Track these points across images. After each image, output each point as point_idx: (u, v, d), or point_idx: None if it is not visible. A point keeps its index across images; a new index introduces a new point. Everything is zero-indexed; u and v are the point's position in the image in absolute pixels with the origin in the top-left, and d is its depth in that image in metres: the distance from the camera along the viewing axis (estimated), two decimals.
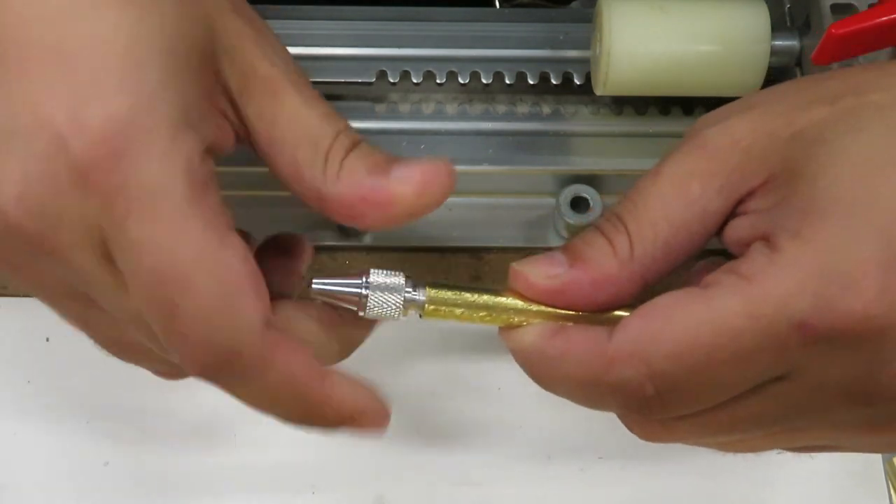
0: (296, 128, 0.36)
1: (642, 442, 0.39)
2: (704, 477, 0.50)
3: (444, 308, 0.37)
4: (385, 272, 0.37)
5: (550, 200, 0.51)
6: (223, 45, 0.36)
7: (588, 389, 0.36)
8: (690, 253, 0.36)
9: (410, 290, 0.37)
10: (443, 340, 0.52)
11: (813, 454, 0.50)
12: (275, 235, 0.40)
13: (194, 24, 0.34)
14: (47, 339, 0.51)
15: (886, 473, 0.50)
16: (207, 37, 0.35)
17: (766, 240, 0.34)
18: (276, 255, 0.39)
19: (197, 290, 0.33)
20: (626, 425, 0.38)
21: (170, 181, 0.32)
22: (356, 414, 0.37)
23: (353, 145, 0.36)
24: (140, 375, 0.50)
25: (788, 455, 0.50)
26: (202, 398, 0.50)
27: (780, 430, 0.37)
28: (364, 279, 0.37)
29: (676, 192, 0.36)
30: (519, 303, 0.37)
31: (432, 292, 0.37)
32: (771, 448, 0.39)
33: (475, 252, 0.52)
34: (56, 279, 0.36)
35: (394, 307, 0.37)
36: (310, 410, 0.36)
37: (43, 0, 0.33)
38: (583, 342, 0.35)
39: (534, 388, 0.37)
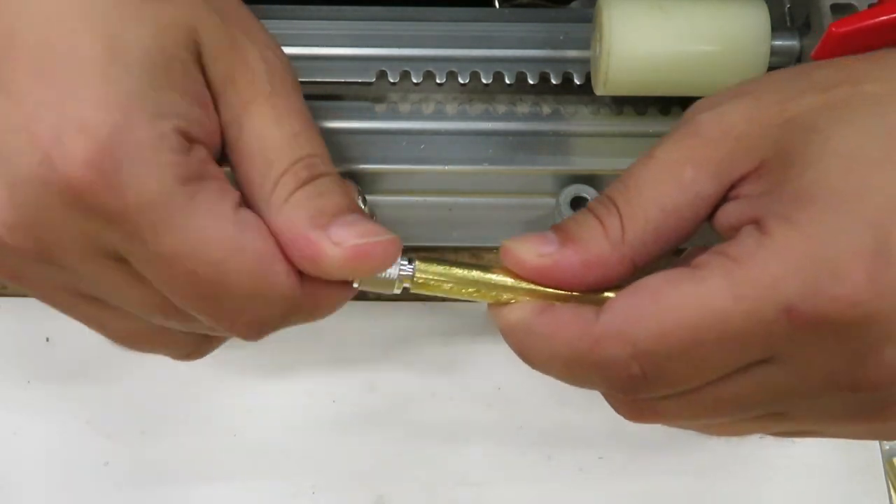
0: (257, 143, 0.36)
1: (642, 442, 0.39)
2: (703, 476, 0.50)
3: (433, 281, 0.38)
4: None
5: (550, 200, 0.51)
6: (206, 50, 0.36)
7: (574, 367, 0.36)
8: (681, 238, 0.36)
9: (406, 263, 0.37)
10: (443, 340, 0.52)
11: (817, 447, 0.50)
12: None
13: (176, 32, 0.35)
14: (47, 339, 0.51)
15: (886, 473, 0.50)
16: (190, 41, 0.35)
17: (757, 224, 0.34)
18: None
19: (232, 282, 0.34)
20: (612, 405, 0.38)
21: (166, 188, 0.33)
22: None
23: (311, 178, 0.36)
24: (140, 376, 0.50)
25: (788, 455, 0.50)
26: (202, 398, 0.50)
27: (764, 414, 0.37)
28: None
29: (669, 177, 0.36)
30: (508, 280, 0.37)
31: (422, 265, 0.37)
32: (754, 432, 0.39)
33: (475, 252, 0.52)
34: (60, 284, 0.36)
35: (388, 279, 0.37)
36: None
37: (32, 13, 0.33)
38: (570, 320, 0.35)
39: (534, 388, 0.37)
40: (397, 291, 0.38)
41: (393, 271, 0.37)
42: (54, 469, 0.49)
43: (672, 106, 0.52)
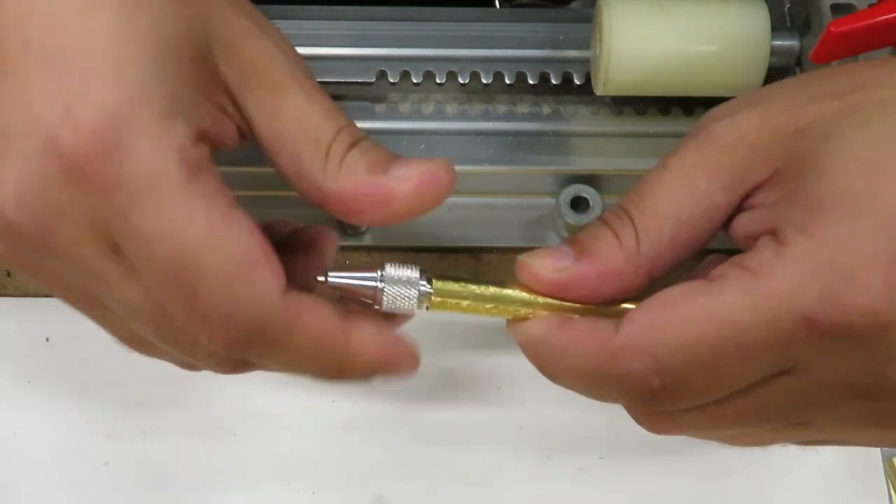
0: (297, 123, 0.36)
1: (642, 442, 0.39)
2: (704, 477, 0.50)
3: (450, 300, 0.38)
4: (399, 265, 0.37)
5: (550, 200, 0.51)
6: (221, 43, 0.36)
7: (594, 381, 0.36)
8: (696, 247, 0.36)
9: (424, 283, 0.37)
10: (442, 340, 0.52)
11: (818, 448, 0.50)
12: (298, 228, 0.40)
13: (187, 22, 0.35)
14: (47, 339, 0.51)
15: (886, 473, 0.50)
16: (202, 34, 0.35)
17: (773, 234, 0.34)
18: (296, 250, 0.39)
19: (210, 270, 0.33)
20: (633, 417, 0.39)
21: (164, 167, 0.33)
22: (385, 362, 0.37)
23: (355, 142, 0.37)
24: (140, 376, 0.50)
25: (788, 455, 0.50)
26: (203, 398, 0.50)
27: (785, 424, 0.37)
28: (379, 273, 0.37)
29: (683, 187, 0.36)
30: (525, 295, 0.37)
31: (439, 284, 0.37)
32: (776, 442, 0.39)
33: (475, 252, 0.52)
34: (64, 277, 0.36)
35: (409, 300, 0.37)
36: (340, 366, 0.37)
37: (38, 0, 0.33)
38: (589, 334, 0.35)
39: (534, 388, 0.37)
40: (417, 310, 0.38)
41: (412, 292, 0.37)
42: (54, 469, 0.49)
43: (672, 106, 0.52)
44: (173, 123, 0.33)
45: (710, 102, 0.52)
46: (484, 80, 0.51)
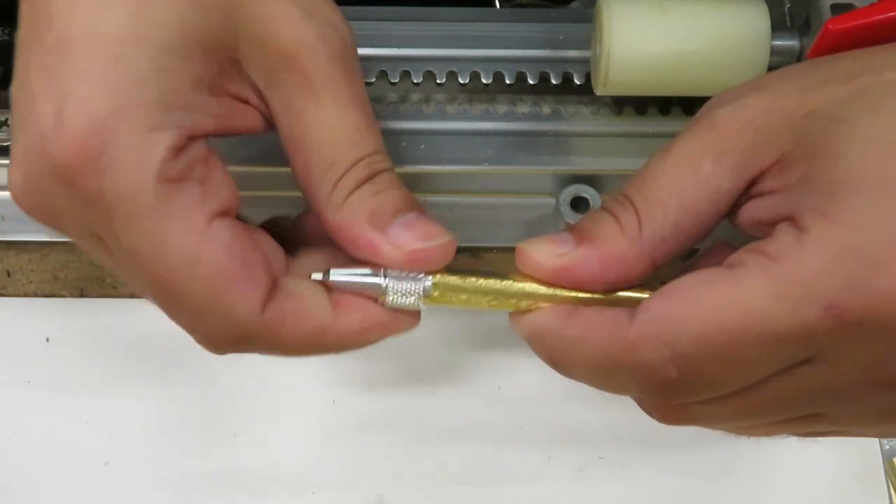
0: (319, 136, 0.36)
1: (642, 442, 0.39)
2: (704, 477, 0.50)
3: (450, 293, 0.37)
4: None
5: (550, 200, 0.51)
6: (249, 32, 0.35)
7: (607, 372, 0.35)
8: (700, 235, 0.36)
9: (427, 278, 0.37)
10: (443, 340, 0.52)
11: (818, 448, 0.50)
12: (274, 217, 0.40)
13: (206, 13, 0.34)
14: (47, 340, 0.51)
15: (886, 473, 0.50)
16: (223, 25, 0.34)
17: (791, 220, 0.33)
18: (302, 239, 0.39)
19: (187, 294, 0.34)
20: (644, 409, 0.38)
21: (141, 186, 0.33)
22: (379, 330, 0.37)
23: (371, 175, 0.36)
24: (140, 376, 0.50)
25: (788, 455, 0.50)
26: (202, 398, 0.50)
27: (800, 416, 0.36)
28: (383, 269, 0.36)
29: (687, 172, 0.35)
30: (527, 286, 0.36)
31: (437, 277, 0.37)
32: (788, 433, 0.38)
33: (475, 252, 0.52)
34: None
35: (413, 296, 0.37)
36: (333, 348, 0.37)
37: None
38: (601, 323, 0.35)
39: (534, 388, 0.37)
40: (419, 307, 0.37)
41: (416, 286, 0.36)
42: (54, 469, 0.49)
43: (672, 106, 0.52)
44: (158, 133, 0.33)
45: None
46: (484, 80, 0.51)
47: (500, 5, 0.59)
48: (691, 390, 0.34)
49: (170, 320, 0.36)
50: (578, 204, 0.50)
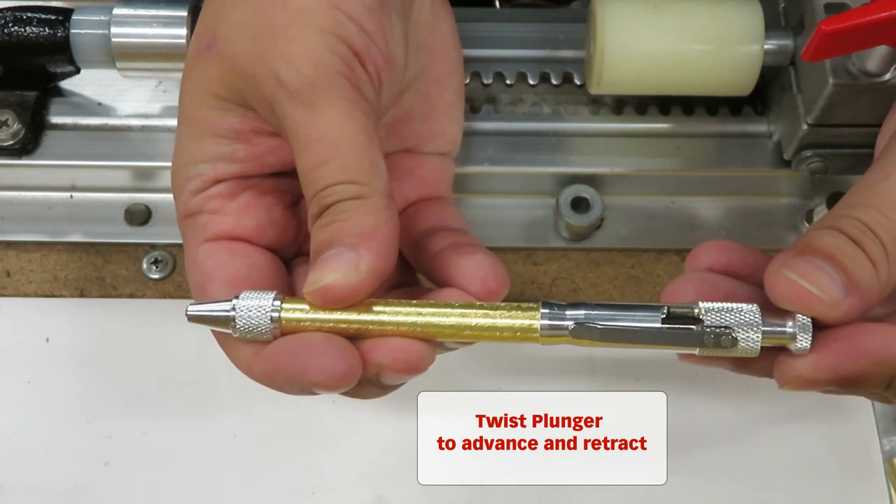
0: (296, 159, 0.37)
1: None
2: (703, 476, 0.50)
3: (301, 323, 0.36)
4: (257, 293, 0.36)
5: (550, 200, 0.51)
6: (258, 94, 0.38)
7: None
8: None
9: (277, 309, 0.36)
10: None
11: (818, 448, 0.50)
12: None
13: (218, 83, 0.39)
14: (47, 340, 0.51)
15: (886, 473, 0.50)
16: (238, 91, 0.38)
17: None
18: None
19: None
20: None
21: (179, 215, 0.40)
22: (284, 374, 0.37)
23: (328, 206, 0.36)
24: (140, 376, 0.50)
25: (789, 455, 0.50)
26: (202, 399, 0.50)
27: None
28: (233, 301, 0.36)
29: None
30: (386, 317, 0.36)
31: (286, 310, 0.36)
32: None
33: None
34: None
35: (262, 328, 0.36)
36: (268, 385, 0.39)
37: None
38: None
39: (534, 388, 0.36)
40: (270, 336, 0.37)
41: (263, 319, 0.36)
42: (54, 469, 0.49)
43: (672, 106, 0.52)
44: (188, 183, 0.39)
45: (711, 102, 0.52)
46: (484, 81, 0.51)
47: (500, 5, 0.59)
48: None
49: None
50: (578, 204, 0.50)
